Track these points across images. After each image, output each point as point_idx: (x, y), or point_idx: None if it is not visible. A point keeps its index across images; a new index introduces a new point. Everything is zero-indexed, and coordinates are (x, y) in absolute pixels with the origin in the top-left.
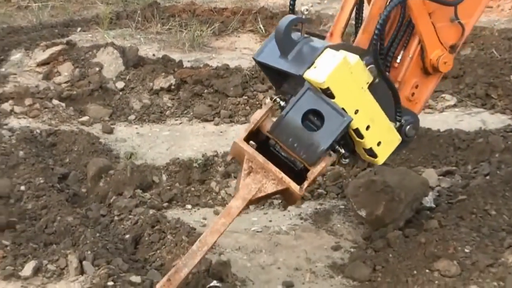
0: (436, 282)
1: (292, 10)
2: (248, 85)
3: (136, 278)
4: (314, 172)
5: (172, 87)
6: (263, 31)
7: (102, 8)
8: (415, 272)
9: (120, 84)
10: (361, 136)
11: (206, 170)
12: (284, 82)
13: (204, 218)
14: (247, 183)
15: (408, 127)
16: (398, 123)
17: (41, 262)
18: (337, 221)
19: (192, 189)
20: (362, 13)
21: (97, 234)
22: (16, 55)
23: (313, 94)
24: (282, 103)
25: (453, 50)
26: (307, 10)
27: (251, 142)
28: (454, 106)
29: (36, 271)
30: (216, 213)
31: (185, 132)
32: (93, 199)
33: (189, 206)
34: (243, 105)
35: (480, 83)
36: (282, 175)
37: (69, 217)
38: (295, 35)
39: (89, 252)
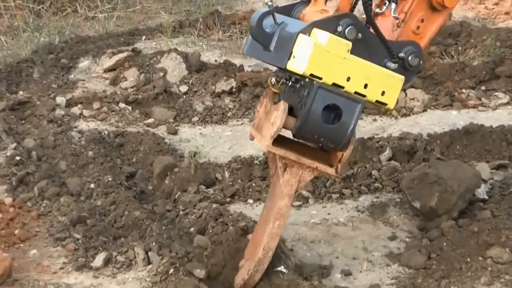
0: (489, 268)
1: None
2: None
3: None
4: (345, 156)
5: (233, 89)
6: None
7: (166, 18)
8: (468, 259)
9: (184, 88)
10: (363, 95)
11: (267, 167)
12: None
13: None
14: (286, 179)
15: (410, 57)
16: (394, 64)
17: (111, 253)
18: (393, 213)
19: (254, 184)
20: None
21: (163, 228)
22: (84, 63)
23: (324, 91)
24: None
25: None
26: (271, 1)
27: None
28: (507, 104)
29: (106, 262)
30: None
31: (246, 132)
32: (159, 196)
33: (250, 201)
34: None
35: None
36: (316, 164)
37: (136, 212)
38: (271, 25)
39: (154, 244)
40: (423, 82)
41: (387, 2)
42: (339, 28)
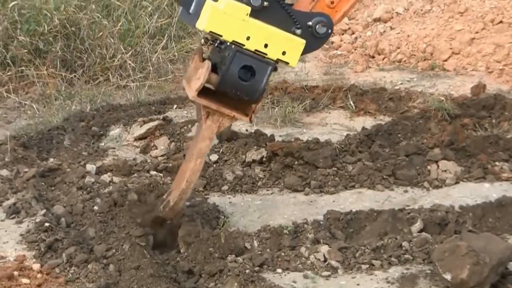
0: None
1: None
2: (338, 157)
3: None
4: (258, 107)
5: (264, 159)
6: (353, 108)
7: None
8: None
9: (214, 157)
10: (264, 53)
11: (296, 237)
12: None
13: (294, 282)
14: (208, 125)
15: (318, 25)
16: (300, 30)
17: None
18: (423, 285)
19: (283, 254)
20: None
21: None
22: (115, 131)
23: (241, 54)
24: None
25: None
26: None
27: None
28: None
29: None
30: (306, 277)
31: (276, 201)
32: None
33: (279, 270)
34: (332, 176)
35: None
36: (233, 113)
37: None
38: None
39: None
40: (456, 154)
41: None
42: None
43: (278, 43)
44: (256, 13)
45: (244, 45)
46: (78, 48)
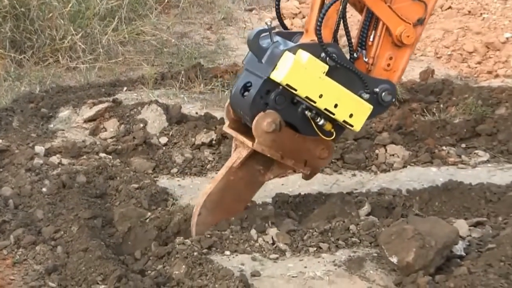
0: None
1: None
2: None
3: None
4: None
5: (213, 142)
6: None
7: (148, 69)
8: None
9: (164, 139)
10: (332, 113)
11: (245, 219)
12: None
13: (242, 264)
14: (232, 156)
15: (384, 93)
16: (368, 95)
17: None
18: (369, 267)
19: (231, 236)
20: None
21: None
22: (64, 112)
23: (247, 72)
24: None
25: (419, 22)
26: (270, 21)
27: None
28: (487, 162)
29: None
30: (254, 259)
31: None
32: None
33: (227, 253)
34: None
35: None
36: (244, 139)
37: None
38: (268, 42)
39: None
40: (404, 138)
41: (359, 49)
42: (323, 54)
43: (348, 105)
44: (330, 72)
45: (315, 102)
46: (27, 29)
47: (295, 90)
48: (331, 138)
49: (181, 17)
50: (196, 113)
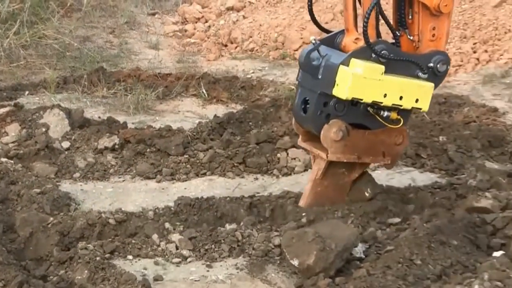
0: None
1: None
2: (190, 145)
3: None
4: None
5: (116, 146)
6: (206, 96)
7: (50, 73)
8: None
9: (66, 144)
10: (399, 105)
11: (147, 223)
12: None
13: (145, 268)
14: (313, 169)
15: (438, 65)
16: (425, 74)
17: None
18: (271, 270)
19: (133, 241)
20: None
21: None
22: None
23: (302, 88)
24: None
25: None
26: (314, 38)
27: None
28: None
29: None
30: (156, 263)
31: (128, 188)
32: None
33: (130, 257)
34: (184, 164)
35: (410, 143)
36: (318, 152)
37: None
38: (317, 57)
39: None
40: None
41: (400, 28)
42: (373, 54)
43: (412, 93)
44: (385, 68)
45: (382, 103)
46: None
47: (361, 99)
48: (400, 125)
49: (84, 20)
50: (99, 117)
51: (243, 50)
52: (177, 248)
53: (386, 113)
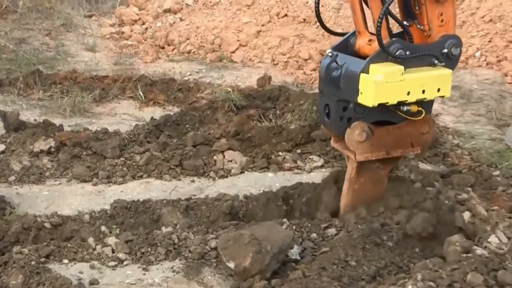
0: None
1: (317, 10)
2: (126, 148)
3: None
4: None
5: (52, 149)
6: (143, 98)
7: None
8: None
9: (1, 147)
10: (423, 99)
11: (83, 227)
12: None
13: (81, 272)
14: (348, 168)
15: (452, 49)
16: (442, 62)
17: None
18: (208, 273)
19: (69, 244)
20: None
21: None
22: None
23: (322, 95)
24: None
25: None
26: (331, 52)
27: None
28: (321, 166)
29: None
30: (92, 267)
31: (64, 192)
32: None
33: (66, 261)
34: (120, 166)
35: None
36: (348, 154)
37: None
38: (335, 68)
39: None
40: (241, 144)
41: (408, 19)
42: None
43: (433, 84)
44: (404, 65)
45: (406, 101)
46: None
47: (387, 103)
48: (422, 115)
49: (20, 22)
50: (35, 120)
51: (180, 52)
52: (113, 251)
53: (406, 108)
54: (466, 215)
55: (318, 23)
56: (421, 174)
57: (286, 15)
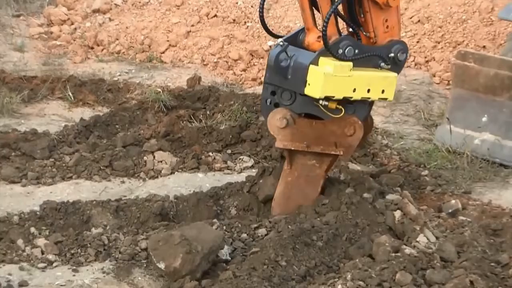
0: None
1: (262, 14)
2: (55, 148)
3: None
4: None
5: None
6: (72, 98)
7: None
8: None
9: None
10: (368, 98)
11: (12, 228)
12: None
13: (10, 274)
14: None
15: (399, 54)
16: (388, 65)
17: None
18: (138, 274)
19: None
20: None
21: None
22: None
23: (268, 87)
24: None
25: None
26: (282, 41)
27: None
28: (252, 167)
29: None
30: (22, 269)
31: None
32: None
33: None
34: (50, 167)
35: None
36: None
37: None
38: (284, 59)
39: None
40: (171, 145)
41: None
42: (340, 51)
43: (378, 85)
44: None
45: (352, 97)
46: None
47: (333, 97)
48: (340, 114)
49: None
50: None
51: (110, 52)
52: (42, 253)
53: (324, 102)
54: (397, 213)
55: (247, 24)
56: (351, 174)
57: (215, 15)
